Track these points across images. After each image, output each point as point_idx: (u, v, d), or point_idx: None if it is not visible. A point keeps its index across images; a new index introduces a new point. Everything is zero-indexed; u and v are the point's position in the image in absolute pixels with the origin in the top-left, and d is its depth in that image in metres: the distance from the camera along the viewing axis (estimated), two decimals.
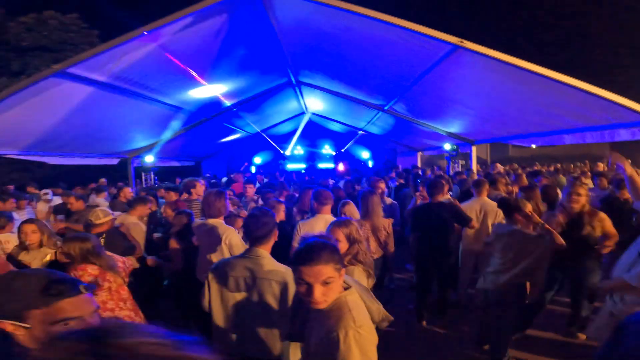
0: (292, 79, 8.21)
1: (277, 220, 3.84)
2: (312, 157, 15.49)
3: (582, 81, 3.96)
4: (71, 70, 4.37)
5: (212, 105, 8.13)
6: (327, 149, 15.35)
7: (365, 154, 15.19)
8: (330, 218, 3.56)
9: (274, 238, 2.20)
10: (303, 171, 14.38)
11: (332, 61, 6.63)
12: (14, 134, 5.18)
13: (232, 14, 4.64)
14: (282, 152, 13.87)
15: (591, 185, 7.15)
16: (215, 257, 3.31)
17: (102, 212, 3.28)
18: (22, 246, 3.05)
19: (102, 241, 3.07)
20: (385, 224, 3.88)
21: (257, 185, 7.17)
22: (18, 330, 1.06)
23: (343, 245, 2.23)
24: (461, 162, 9.39)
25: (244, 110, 9.45)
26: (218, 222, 3.37)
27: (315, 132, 15.10)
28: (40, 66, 15.75)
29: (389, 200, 5.28)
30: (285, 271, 2.10)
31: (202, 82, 6.20)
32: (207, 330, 2.16)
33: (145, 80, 5.58)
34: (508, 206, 3.28)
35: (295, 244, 3.54)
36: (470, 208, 4.30)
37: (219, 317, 2.16)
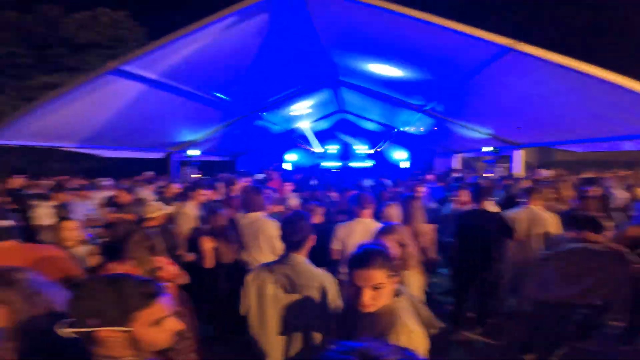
0: (330, 77, 8.20)
1: (316, 222, 3.89)
2: (346, 156, 15.38)
3: None
4: (124, 68, 4.59)
5: (250, 101, 8.30)
6: (362, 148, 15.19)
7: (401, 154, 14.90)
8: (371, 222, 3.51)
9: (310, 243, 2.17)
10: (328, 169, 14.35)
11: (372, 60, 6.55)
12: (72, 128, 5.54)
13: (274, 12, 4.69)
14: (314, 150, 13.97)
15: None
16: (255, 250, 3.42)
17: (155, 207, 3.40)
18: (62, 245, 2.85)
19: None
20: (427, 229, 3.78)
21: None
22: (115, 335, 1.05)
23: (395, 251, 2.19)
24: (503, 165, 8.99)
25: (279, 108, 9.58)
26: (258, 215, 3.50)
27: (350, 130, 15.01)
28: (94, 63, 16.64)
29: (429, 205, 5.15)
30: (323, 276, 2.09)
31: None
32: (234, 331, 2.14)
33: (192, 77, 5.77)
34: (581, 221, 3.02)
35: (334, 247, 3.54)
36: (518, 217, 4.08)
37: (256, 323, 2.16)
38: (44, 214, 4.01)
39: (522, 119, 6.65)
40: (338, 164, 15.04)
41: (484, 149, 8.87)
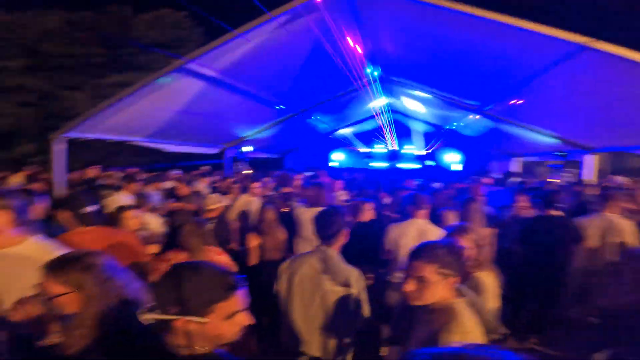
0: (381, 77, 8.05)
1: (366, 220, 3.84)
2: (394, 156, 15.00)
3: None
4: (188, 66, 4.85)
5: (301, 100, 8.40)
6: (411, 149, 14.72)
7: (453, 156, 14.27)
8: (425, 223, 3.42)
9: (343, 238, 2.17)
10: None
11: (426, 60, 6.34)
12: (140, 123, 5.97)
13: (324, 11, 4.68)
14: (361, 150, 13.86)
15: None
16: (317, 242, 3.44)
17: (214, 199, 3.55)
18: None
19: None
20: (486, 233, 3.59)
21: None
22: (192, 325, 1.03)
23: (471, 252, 2.14)
24: (572, 170, 8.24)
25: (327, 108, 9.61)
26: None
27: (399, 130, 14.63)
28: (158, 62, 17.72)
29: (488, 209, 4.88)
30: (350, 271, 2.09)
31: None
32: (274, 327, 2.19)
33: (247, 75, 5.96)
34: None
35: (386, 246, 3.49)
36: (591, 224, 3.76)
37: (284, 311, 2.20)
38: (116, 202, 4.33)
39: (596, 121, 6.09)
40: (386, 164, 14.74)
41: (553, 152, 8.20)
